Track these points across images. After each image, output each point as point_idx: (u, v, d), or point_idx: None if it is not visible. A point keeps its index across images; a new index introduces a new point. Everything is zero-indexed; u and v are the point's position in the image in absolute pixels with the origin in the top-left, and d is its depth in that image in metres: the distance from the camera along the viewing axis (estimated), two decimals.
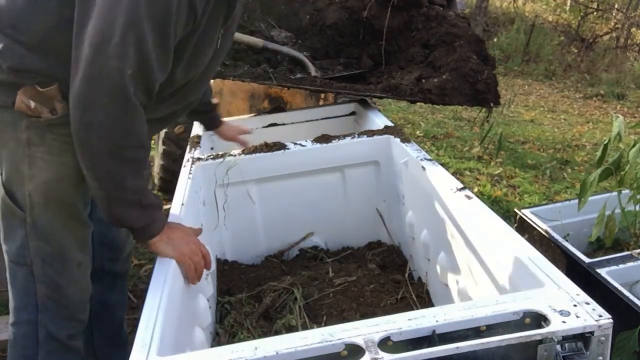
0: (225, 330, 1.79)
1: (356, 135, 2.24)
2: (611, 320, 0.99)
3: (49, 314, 1.50)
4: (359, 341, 0.99)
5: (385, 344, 1.00)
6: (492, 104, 2.58)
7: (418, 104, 3.21)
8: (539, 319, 1.03)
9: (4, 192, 1.44)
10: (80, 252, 1.54)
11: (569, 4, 12.65)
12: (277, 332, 1.74)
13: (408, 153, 2.04)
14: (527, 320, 1.04)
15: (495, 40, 10.86)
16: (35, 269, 1.47)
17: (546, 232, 2.37)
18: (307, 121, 2.73)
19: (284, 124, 2.70)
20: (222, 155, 2.13)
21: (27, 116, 1.37)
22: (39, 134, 1.38)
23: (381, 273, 2.10)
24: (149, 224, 1.39)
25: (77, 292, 1.56)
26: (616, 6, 11.88)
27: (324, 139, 2.22)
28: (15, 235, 1.46)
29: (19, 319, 1.52)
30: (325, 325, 1.74)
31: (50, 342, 1.51)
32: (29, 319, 1.50)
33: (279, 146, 2.18)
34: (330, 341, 1.00)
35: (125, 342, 1.94)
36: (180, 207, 1.70)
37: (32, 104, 1.35)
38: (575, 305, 1.04)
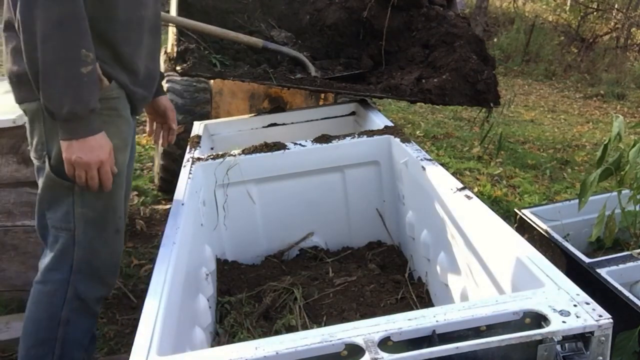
0: (225, 330, 1.79)
1: (356, 135, 2.24)
2: (611, 320, 0.99)
3: (81, 275, 1.58)
4: (359, 341, 0.99)
5: (385, 344, 1.00)
6: (492, 104, 2.58)
7: (418, 104, 3.21)
8: (539, 319, 1.03)
9: (51, 168, 1.52)
10: (119, 218, 1.63)
11: (569, 4, 12.62)
12: (277, 332, 1.74)
13: (408, 153, 2.04)
14: (527, 320, 1.04)
15: (495, 40, 10.84)
16: (78, 233, 1.56)
17: (546, 232, 2.37)
18: (307, 121, 2.73)
19: (284, 124, 2.70)
20: (222, 155, 2.13)
21: None
22: None
23: (381, 273, 2.10)
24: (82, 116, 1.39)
25: (110, 256, 1.64)
26: (616, 6, 11.85)
27: (324, 139, 2.22)
28: (61, 203, 1.55)
29: (50, 278, 1.59)
30: (325, 325, 1.74)
31: (76, 301, 1.59)
32: (61, 277, 1.58)
33: (279, 146, 2.18)
34: (330, 341, 1.00)
35: None
36: (180, 207, 1.70)
37: None
38: (575, 305, 1.04)
